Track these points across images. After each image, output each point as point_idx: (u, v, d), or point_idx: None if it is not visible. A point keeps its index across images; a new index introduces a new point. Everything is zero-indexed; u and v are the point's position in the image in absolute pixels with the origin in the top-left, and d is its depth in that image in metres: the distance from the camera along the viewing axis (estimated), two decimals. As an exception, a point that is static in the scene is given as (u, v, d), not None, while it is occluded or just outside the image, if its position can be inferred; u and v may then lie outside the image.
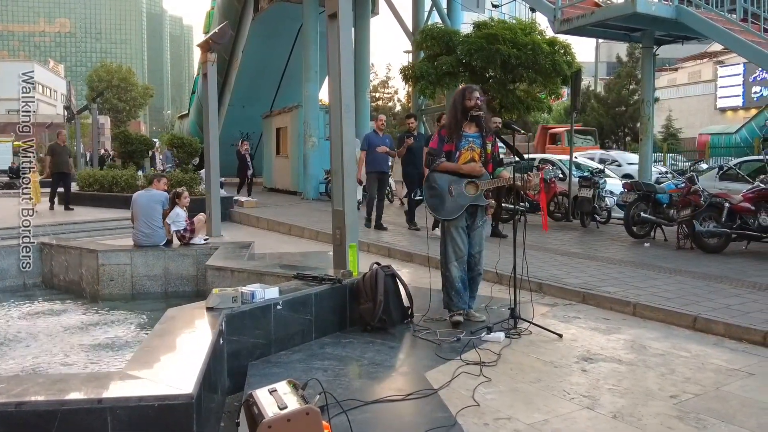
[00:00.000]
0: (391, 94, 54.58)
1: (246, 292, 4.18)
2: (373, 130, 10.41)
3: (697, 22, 10.12)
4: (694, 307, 5.21)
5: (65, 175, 13.65)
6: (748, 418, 3.25)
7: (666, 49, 13.95)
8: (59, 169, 13.61)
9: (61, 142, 14.15)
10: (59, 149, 13.88)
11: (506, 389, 3.66)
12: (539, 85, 13.27)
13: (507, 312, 4.99)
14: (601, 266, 7.14)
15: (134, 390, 2.60)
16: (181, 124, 34.75)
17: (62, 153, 13.90)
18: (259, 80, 23.13)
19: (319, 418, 2.60)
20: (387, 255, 8.54)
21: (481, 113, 4.92)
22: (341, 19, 5.36)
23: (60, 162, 13.65)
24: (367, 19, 18.54)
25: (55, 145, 14.05)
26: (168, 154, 21.07)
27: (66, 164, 13.79)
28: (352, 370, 4.00)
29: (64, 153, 13.99)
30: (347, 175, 5.41)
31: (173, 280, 7.49)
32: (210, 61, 9.52)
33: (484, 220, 5.05)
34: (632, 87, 35.56)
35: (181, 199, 7.82)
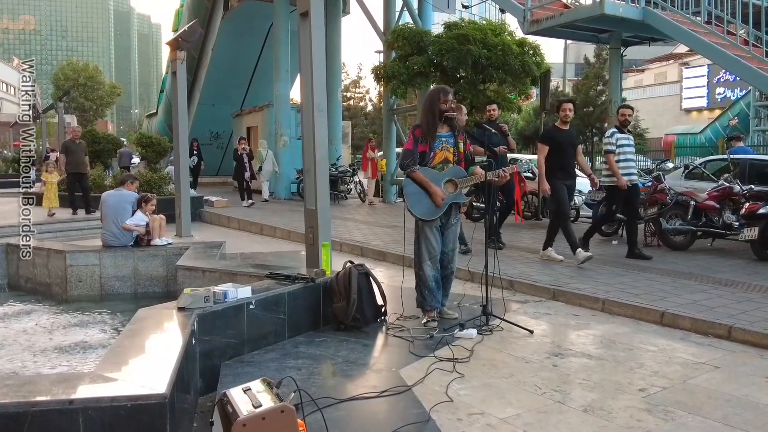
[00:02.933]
0: (363, 94, 54.60)
1: (218, 291, 4.15)
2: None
3: (663, 24, 10.32)
4: (662, 303, 5.32)
5: (81, 175, 12.40)
6: (714, 410, 3.34)
7: (633, 50, 14.22)
8: (75, 169, 12.33)
9: (75, 139, 12.76)
10: (73, 147, 12.50)
11: (479, 385, 3.70)
12: (509, 85, 13.38)
13: (479, 309, 5.04)
14: (570, 264, 7.24)
15: (106, 390, 2.58)
16: (150, 123, 34.31)
17: (77, 151, 12.49)
18: (230, 79, 22.95)
19: (294, 416, 2.60)
20: (360, 254, 8.54)
21: (455, 115, 4.96)
22: (313, 18, 5.35)
23: (75, 161, 12.35)
24: (338, 18, 18.52)
25: (69, 142, 12.71)
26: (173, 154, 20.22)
27: (82, 163, 12.52)
28: (326, 369, 4.00)
29: (78, 151, 12.54)
30: (320, 175, 5.40)
31: (143, 281, 7.41)
32: (179, 59, 9.42)
33: (457, 218, 5.09)
34: (600, 88, 36.04)
35: (147, 205, 7.72)
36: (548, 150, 7.16)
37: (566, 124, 7.27)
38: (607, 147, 7.65)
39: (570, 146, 7.27)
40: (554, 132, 7.32)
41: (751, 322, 4.70)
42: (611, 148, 7.57)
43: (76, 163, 12.31)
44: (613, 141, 7.59)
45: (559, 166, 7.18)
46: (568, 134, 7.30)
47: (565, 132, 7.25)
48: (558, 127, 7.30)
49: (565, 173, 7.24)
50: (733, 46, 9.62)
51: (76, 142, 12.60)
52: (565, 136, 7.25)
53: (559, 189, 7.18)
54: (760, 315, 4.91)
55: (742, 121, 26.99)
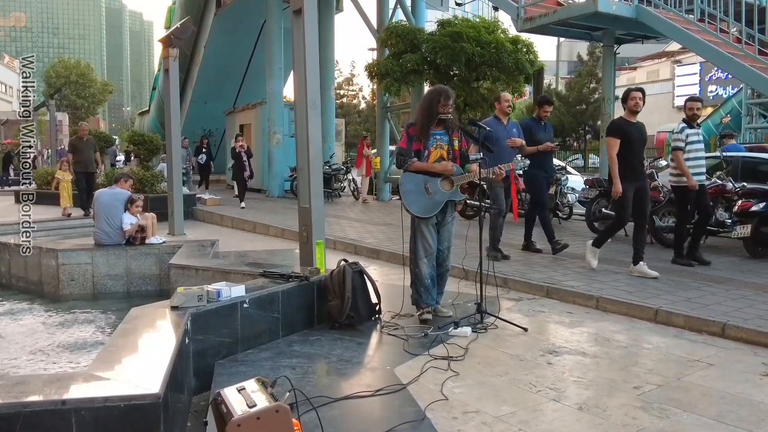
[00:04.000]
0: (356, 92, 54.63)
1: (211, 290, 4.13)
2: (494, 117, 7.47)
3: (656, 22, 10.34)
4: (655, 300, 5.33)
5: (90, 174, 11.95)
6: (709, 407, 3.34)
7: (625, 48, 14.24)
8: (84, 168, 11.92)
9: (83, 136, 12.27)
10: (81, 145, 12.03)
11: (474, 383, 3.70)
12: (502, 83, 13.38)
13: (473, 307, 5.04)
14: (564, 261, 7.25)
15: (99, 390, 2.55)
16: (142, 121, 34.23)
17: (85, 149, 12.01)
18: (222, 76, 22.87)
19: (289, 415, 2.58)
20: (354, 252, 8.53)
21: (450, 116, 4.95)
22: (306, 15, 5.33)
23: (83, 160, 11.92)
24: (331, 15, 18.47)
25: (76, 140, 12.28)
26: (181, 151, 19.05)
27: (90, 162, 12.06)
28: (320, 368, 3.99)
29: (87, 149, 12.04)
30: (313, 172, 5.38)
31: (136, 280, 7.38)
32: (172, 56, 9.37)
33: (453, 215, 5.08)
34: (593, 85, 36.23)
35: (132, 206, 7.68)
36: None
37: (634, 116, 6.43)
38: (675, 143, 6.94)
39: (640, 142, 6.49)
40: (624, 125, 6.43)
41: (744, 319, 4.72)
42: (680, 144, 6.87)
43: (84, 161, 11.94)
44: (683, 137, 6.89)
45: (627, 164, 6.32)
46: (638, 128, 6.46)
47: (634, 125, 6.42)
48: (626, 119, 6.45)
49: (634, 173, 6.37)
50: (725, 43, 9.64)
51: (84, 139, 12.15)
52: (635, 129, 6.41)
53: (627, 195, 6.36)
54: (753, 312, 4.93)
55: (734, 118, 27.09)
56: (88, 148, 12.08)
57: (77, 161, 11.88)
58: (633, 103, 6.37)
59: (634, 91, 6.54)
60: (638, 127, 6.47)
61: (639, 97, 6.39)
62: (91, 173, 12.02)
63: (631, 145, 6.35)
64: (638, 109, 6.37)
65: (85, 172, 11.88)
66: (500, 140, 6.96)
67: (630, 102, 6.39)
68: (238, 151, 14.22)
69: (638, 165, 6.46)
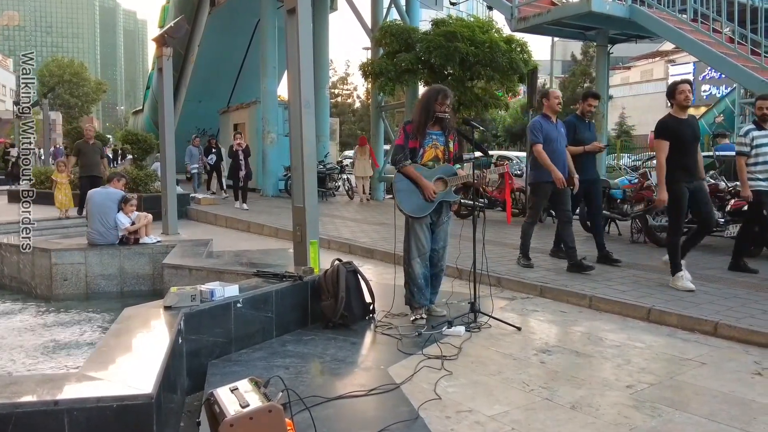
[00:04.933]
0: (351, 91, 54.60)
1: (205, 290, 4.12)
2: (543, 115, 6.82)
3: (649, 22, 10.38)
4: (648, 300, 5.34)
5: (96, 179, 11.18)
6: (701, 406, 3.36)
7: (619, 47, 14.28)
8: (89, 171, 11.36)
9: (89, 138, 11.77)
10: (86, 148, 11.53)
11: (467, 382, 3.70)
12: (497, 82, 13.39)
13: (467, 306, 5.05)
14: (557, 260, 7.26)
15: (92, 391, 2.55)
16: (136, 120, 34.16)
17: (90, 152, 11.51)
18: (216, 75, 22.83)
19: (282, 415, 2.58)
20: (348, 251, 8.53)
21: (447, 115, 4.95)
22: (300, 14, 5.32)
23: (89, 164, 11.40)
24: (325, 14, 18.46)
25: (82, 143, 11.70)
26: (193, 151, 16.83)
27: (96, 166, 11.55)
28: (314, 367, 3.99)
29: (92, 152, 11.55)
30: (307, 172, 5.38)
31: (129, 279, 7.37)
32: (165, 55, 9.35)
33: (449, 216, 5.08)
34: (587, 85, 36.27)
35: (126, 206, 7.67)
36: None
37: (685, 111, 5.83)
38: (739, 148, 6.45)
39: (692, 138, 5.86)
40: (672, 123, 5.82)
41: (737, 318, 4.74)
42: (744, 149, 6.36)
43: (89, 165, 11.45)
44: (748, 141, 6.37)
45: (679, 164, 5.74)
46: (689, 124, 5.87)
47: (684, 121, 5.82)
48: (675, 116, 5.85)
49: (687, 173, 5.78)
50: (718, 43, 9.68)
51: (89, 143, 11.70)
52: (686, 126, 5.81)
53: (681, 196, 5.74)
54: (745, 311, 4.95)
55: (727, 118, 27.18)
56: (94, 152, 11.65)
57: (83, 165, 11.46)
58: (683, 97, 5.78)
59: (682, 83, 5.90)
60: (690, 123, 5.90)
61: (688, 90, 5.79)
62: (97, 177, 11.39)
63: (683, 144, 5.75)
64: (688, 103, 5.79)
65: (90, 176, 11.33)
66: (552, 141, 6.57)
67: (679, 96, 5.79)
68: (235, 150, 13.78)
69: (692, 165, 5.84)
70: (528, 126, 6.82)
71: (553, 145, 6.53)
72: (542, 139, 6.52)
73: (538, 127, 6.62)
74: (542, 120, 6.69)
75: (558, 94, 6.94)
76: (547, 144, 6.52)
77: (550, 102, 6.75)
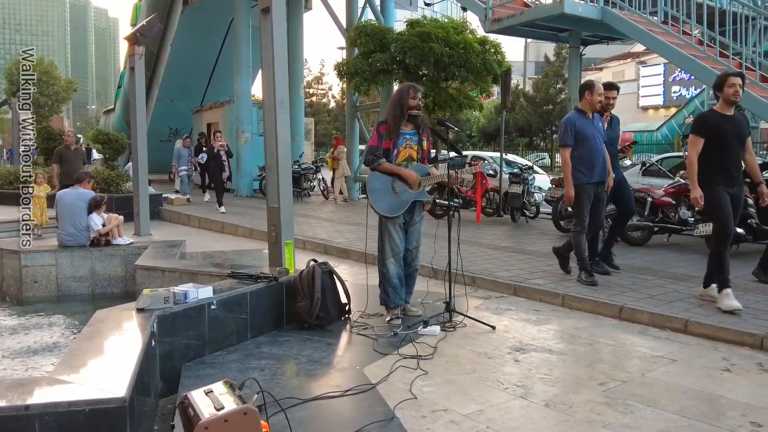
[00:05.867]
0: (326, 90, 54.51)
1: (178, 292, 4.08)
2: (577, 110, 6.10)
3: (621, 24, 10.52)
4: (620, 298, 5.42)
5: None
6: (672, 402, 3.41)
7: (592, 49, 14.46)
8: (70, 179, 10.26)
9: (70, 144, 10.98)
10: (68, 154, 10.76)
11: (442, 381, 3.72)
12: (471, 83, 13.48)
13: (442, 306, 5.07)
14: (531, 259, 7.33)
15: (63, 395, 2.51)
16: (107, 120, 33.65)
17: (72, 159, 10.73)
18: (189, 74, 22.61)
19: (257, 417, 2.57)
20: (323, 252, 8.51)
21: (420, 113, 4.98)
22: (274, 14, 5.30)
23: (71, 171, 10.29)
24: (300, 13, 18.39)
25: (63, 149, 10.86)
26: (183, 151, 15.50)
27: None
28: (289, 369, 3.98)
29: (74, 159, 10.78)
30: (282, 172, 5.36)
31: (101, 281, 7.27)
32: (137, 54, 9.24)
33: (421, 215, 5.10)
34: (559, 86, 36.68)
35: (102, 208, 7.58)
36: (703, 144, 5.10)
37: (731, 107, 5.11)
38: None
39: (735, 138, 5.12)
40: (713, 118, 5.16)
41: (706, 316, 4.83)
42: None
43: (71, 173, 10.10)
44: None
45: (718, 165, 5.09)
46: (733, 121, 5.14)
47: (728, 118, 5.11)
48: (718, 111, 5.17)
49: (727, 176, 5.11)
50: (688, 45, 9.84)
51: (71, 148, 10.91)
52: (729, 123, 5.11)
53: (721, 199, 5.06)
54: (714, 308, 5.04)
55: (696, 118, 27.69)
56: (76, 159, 10.86)
57: (64, 173, 10.43)
58: (732, 92, 5.03)
59: (734, 76, 5.14)
60: (735, 120, 5.16)
61: (739, 84, 5.04)
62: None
63: (723, 144, 5.09)
64: (737, 99, 5.07)
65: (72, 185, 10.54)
66: (588, 138, 5.90)
67: (728, 90, 5.05)
68: (217, 150, 13.18)
69: (732, 167, 5.15)
70: (561, 121, 6.18)
71: (588, 142, 5.89)
72: (573, 140, 5.90)
73: (570, 125, 5.93)
74: (576, 116, 6.01)
75: (602, 91, 6.07)
76: (581, 143, 5.89)
77: (593, 97, 5.96)
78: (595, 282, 5.92)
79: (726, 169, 5.12)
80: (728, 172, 5.13)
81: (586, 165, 5.90)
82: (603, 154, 6.02)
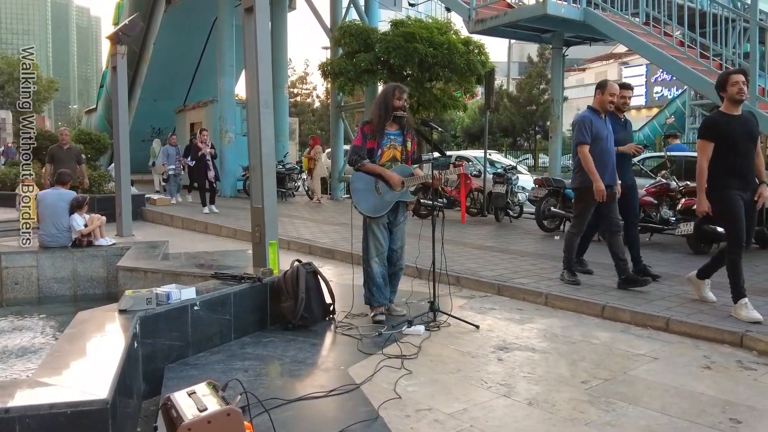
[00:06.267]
0: (310, 90, 54.31)
1: (161, 293, 4.05)
2: (591, 109, 5.90)
3: (603, 25, 10.61)
4: (602, 297, 5.47)
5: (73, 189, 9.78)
6: (653, 400, 3.45)
7: (574, 50, 14.57)
8: None
9: (64, 143, 10.56)
10: (61, 154, 10.38)
11: (426, 381, 3.73)
12: (455, 83, 13.52)
13: (426, 305, 5.09)
14: (515, 259, 7.37)
15: (45, 397, 2.48)
16: (89, 120, 33.34)
17: (66, 159, 10.36)
18: (172, 74, 22.48)
19: (241, 418, 2.56)
20: (308, 252, 8.50)
21: (405, 114, 4.99)
22: (258, 13, 5.28)
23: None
24: (284, 13, 18.35)
25: (55, 148, 10.43)
26: (170, 150, 14.93)
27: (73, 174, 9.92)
28: (273, 369, 3.97)
29: (68, 159, 10.40)
30: (266, 172, 5.34)
31: (83, 283, 7.19)
32: (120, 53, 9.15)
33: (405, 215, 5.11)
34: (542, 86, 36.85)
35: (83, 209, 7.50)
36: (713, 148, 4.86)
37: (737, 106, 4.90)
38: None
39: (747, 138, 4.88)
40: (721, 120, 4.90)
41: (687, 314, 4.88)
42: None
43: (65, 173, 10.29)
44: None
45: (730, 169, 4.84)
46: (742, 121, 4.91)
47: (737, 118, 4.90)
48: (725, 112, 4.93)
49: (741, 180, 4.86)
50: (669, 47, 9.95)
51: (64, 148, 10.52)
52: (738, 123, 4.88)
53: (734, 205, 4.81)
54: (695, 307, 5.10)
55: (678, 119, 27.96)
56: (70, 159, 10.47)
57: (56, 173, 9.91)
58: (735, 90, 4.84)
59: (735, 74, 4.94)
60: (743, 120, 4.93)
61: (742, 82, 4.85)
62: (74, 188, 10.04)
63: (733, 146, 4.85)
64: (742, 97, 4.88)
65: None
66: (601, 139, 5.71)
67: (731, 89, 4.85)
68: (200, 150, 12.79)
69: (745, 169, 4.88)
70: (575, 120, 5.91)
71: (602, 144, 5.73)
72: (590, 138, 5.69)
73: (588, 123, 5.71)
74: (592, 115, 5.80)
75: (615, 90, 5.87)
76: (595, 143, 5.70)
77: (603, 97, 5.80)
78: (577, 281, 5.99)
79: (739, 173, 4.86)
80: (742, 176, 4.87)
81: (598, 166, 5.68)
82: (614, 156, 5.86)
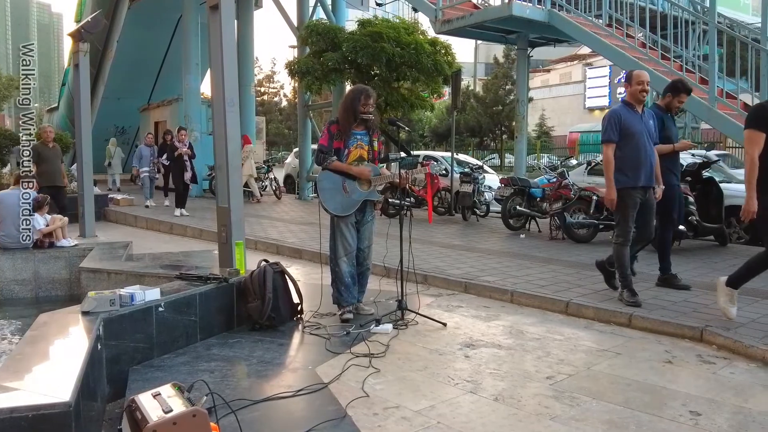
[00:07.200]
0: (277, 89, 54.03)
1: (124, 294, 3.99)
2: (624, 102, 5.34)
3: (567, 26, 10.77)
4: (567, 294, 5.55)
5: (58, 189, 9.76)
6: (616, 395, 3.52)
7: (539, 51, 14.75)
8: (50, 181, 9.65)
9: (48, 142, 10.01)
10: (47, 153, 9.85)
11: (394, 378, 3.75)
12: (422, 83, 13.58)
13: (395, 304, 5.11)
14: (481, 257, 7.44)
15: (5, 401, 2.43)
16: (50, 118, 32.60)
17: (52, 158, 9.92)
18: (136, 72, 22.12)
19: (207, 419, 2.55)
20: (275, 252, 8.45)
21: (372, 117, 4.99)
22: (223, 11, 5.24)
23: (50, 171, 9.73)
24: (250, 11, 18.19)
25: (40, 146, 9.68)
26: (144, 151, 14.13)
27: (58, 174, 9.98)
28: (240, 370, 3.94)
29: (54, 158, 9.97)
30: (232, 171, 5.30)
31: (44, 284, 7.06)
32: (82, 51, 8.99)
33: (372, 214, 5.13)
34: (508, 87, 37.18)
35: (43, 209, 7.37)
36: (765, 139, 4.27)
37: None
38: None
39: None
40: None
41: (649, 310, 4.99)
42: None
43: (50, 173, 9.79)
44: None
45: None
46: None
47: None
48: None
49: None
50: (631, 48, 10.14)
51: (50, 146, 10.03)
52: None
53: None
54: (657, 303, 5.21)
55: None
56: (56, 158, 10.07)
57: (42, 173, 9.52)
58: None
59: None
60: None
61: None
62: (60, 188, 9.96)
63: None
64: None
65: (51, 187, 9.57)
66: (634, 134, 5.11)
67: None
68: (177, 150, 12.31)
69: None
70: (605, 116, 5.38)
71: (635, 140, 5.10)
72: (617, 136, 5.11)
73: (615, 119, 5.13)
74: (622, 109, 5.23)
75: (644, 78, 5.24)
76: (626, 139, 5.10)
77: (633, 88, 5.22)
78: (638, 303, 5.07)
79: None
80: None
81: (631, 166, 5.09)
82: (651, 156, 5.19)
